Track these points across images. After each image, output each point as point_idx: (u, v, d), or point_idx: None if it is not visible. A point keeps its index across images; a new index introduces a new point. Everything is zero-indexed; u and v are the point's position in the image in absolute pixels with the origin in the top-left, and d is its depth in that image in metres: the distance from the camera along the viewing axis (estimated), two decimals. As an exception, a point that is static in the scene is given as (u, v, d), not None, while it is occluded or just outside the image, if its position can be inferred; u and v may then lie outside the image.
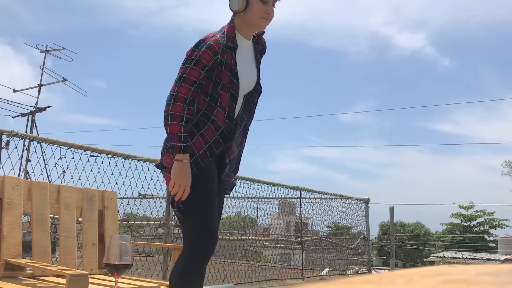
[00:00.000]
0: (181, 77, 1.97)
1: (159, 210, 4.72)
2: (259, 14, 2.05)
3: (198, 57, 1.98)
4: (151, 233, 7.01)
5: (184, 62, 2.01)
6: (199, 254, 1.99)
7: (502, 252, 18.45)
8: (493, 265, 0.49)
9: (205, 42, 2.01)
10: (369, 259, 8.40)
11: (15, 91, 9.92)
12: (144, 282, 2.28)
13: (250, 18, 2.07)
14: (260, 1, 2.04)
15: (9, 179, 2.25)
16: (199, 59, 1.97)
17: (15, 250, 2.16)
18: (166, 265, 4.36)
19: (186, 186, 1.94)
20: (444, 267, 0.47)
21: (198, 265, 2.00)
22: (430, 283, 0.38)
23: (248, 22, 2.09)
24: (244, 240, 7.70)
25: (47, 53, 10.08)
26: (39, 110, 9.58)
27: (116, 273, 1.63)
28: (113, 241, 1.63)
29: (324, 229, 7.93)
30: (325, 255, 8.05)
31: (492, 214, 26.34)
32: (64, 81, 10.15)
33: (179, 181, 1.94)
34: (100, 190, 2.72)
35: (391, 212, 8.36)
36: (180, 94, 1.94)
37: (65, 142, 3.61)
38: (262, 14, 2.06)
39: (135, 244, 2.72)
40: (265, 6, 2.06)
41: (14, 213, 2.20)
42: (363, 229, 8.30)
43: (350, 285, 0.40)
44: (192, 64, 1.97)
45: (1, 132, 3.32)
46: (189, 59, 1.99)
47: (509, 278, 0.42)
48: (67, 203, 2.47)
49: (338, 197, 7.83)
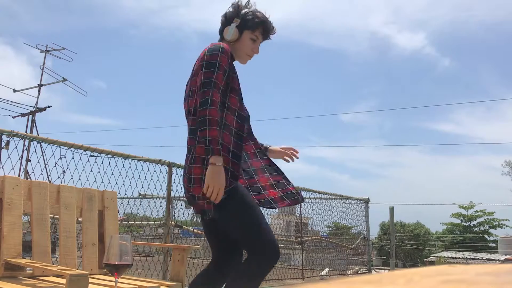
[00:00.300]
0: (211, 82, 2.01)
1: (159, 210, 4.72)
2: (246, 50, 2.24)
3: (219, 61, 2.05)
4: (151, 233, 7.01)
5: (206, 66, 2.06)
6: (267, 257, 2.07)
7: (502, 252, 18.45)
8: (493, 265, 0.49)
9: (219, 46, 2.10)
10: (369, 259, 8.40)
11: (15, 91, 9.92)
12: (144, 282, 2.28)
13: (237, 50, 2.23)
14: (250, 38, 2.22)
15: (9, 179, 2.25)
16: (220, 63, 2.05)
17: (15, 250, 2.15)
18: (166, 265, 4.35)
19: (220, 188, 1.98)
20: (444, 267, 0.47)
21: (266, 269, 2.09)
22: (430, 283, 0.38)
23: (234, 52, 2.23)
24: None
25: (47, 53, 10.08)
26: (39, 110, 9.57)
27: (116, 273, 1.63)
28: (113, 241, 1.63)
29: (324, 229, 7.92)
30: (325, 255, 8.05)
31: (492, 214, 26.36)
32: (64, 81, 10.14)
33: (213, 183, 1.98)
34: (100, 190, 2.71)
35: (391, 212, 8.36)
36: (214, 99, 1.99)
37: (65, 142, 3.61)
38: (248, 51, 2.24)
39: (135, 244, 2.71)
40: (253, 44, 2.24)
41: (14, 213, 2.20)
42: (363, 229, 8.31)
43: (350, 285, 0.40)
44: (216, 69, 2.04)
45: (1, 132, 3.32)
46: (212, 63, 2.05)
47: (509, 278, 0.42)
48: (67, 203, 2.47)
49: (338, 197, 7.83)
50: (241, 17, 2.21)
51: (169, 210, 4.56)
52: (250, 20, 2.21)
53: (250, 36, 2.23)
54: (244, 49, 2.23)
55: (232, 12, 2.23)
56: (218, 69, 2.04)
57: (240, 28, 2.21)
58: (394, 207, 8.38)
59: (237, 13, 2.21)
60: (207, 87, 2.00)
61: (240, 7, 2.23)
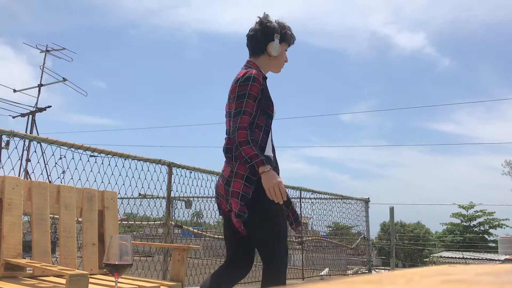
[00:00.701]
0: (241, 110, 2.25)
1: (159, 210, 4.72)
2: (282, 62, 2.52)
3: (249, 90, 2.28)
4: (151, 233, 7.01)
5: (237, 97, 2.29)
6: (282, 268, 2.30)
7: (502, 252, 18.44)
8: (493, 265, 0.49)
9: (251, 75, 2.31)
10: (369, 259, 8.40)
11: (15, 91, 9.91)
12: (144, 282, 2.28)
13: (275, 63, 2.49)
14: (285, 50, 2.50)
15: (9, 179, 2.25)
16: (250, 92, 2.28)
17: (15, 250, 2.15)
18: (166, 265, 4.36)
19: (280, 184, 2.20)
20: (444, 267, 0.47)
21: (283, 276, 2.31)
22: (430, 283, 0.38)
23: (271, 65, 2.48)
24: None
25: (47, 53, 10.08)
26: (39, 110, 9.57)
27: (116, 273, 1.63)
28: (113, 241, 1.63)
29: (324, 229, 7.92)
30: (325, 255, 8.05)
31: (492, 214, 26.35)
32: (64, 81, 10.14)
33: (272, 185, 2.19)
34: (100, 190, 2.71)
35: (391, 212, 8.36)
36: (242, 124, 2.23)
37: (65, 142, 3.61)
38: (283, 62, 2.53)
39: (135, 244, 2.71)
40: (285, 56, 2.52)
41: (14, 213, 2.20)
42: (363, 229, 8.31)
43: (350, 285, 0.39)
44: (246, 98, 2.27)
45: (1, 132, 3.31)
46: (242, 94, 2.28)
47: (509, 278, 0.42)
48: (67, 203, 2.47)
49: (338, 197, 7.83)
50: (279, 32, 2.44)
51: (169, 210, 4.56)
52: (284, 34, 2.45)
53: (284, 48, 2.49)
54: (281, 60, 2.50)
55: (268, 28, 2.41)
56: (248, 98, 2.27)
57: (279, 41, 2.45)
58: (394, 207, 8.38)
59: (274, 28, 2.41)
60: (237, 116, 2.25)
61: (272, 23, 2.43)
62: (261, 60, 2.44)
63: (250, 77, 2.29)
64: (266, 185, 2.19)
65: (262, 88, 2.33)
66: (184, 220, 6.56)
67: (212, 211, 5.50)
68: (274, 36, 2.39)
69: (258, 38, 2.42)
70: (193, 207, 5.96)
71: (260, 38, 2.41)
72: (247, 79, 2.29)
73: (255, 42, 2.43)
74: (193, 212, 7.49)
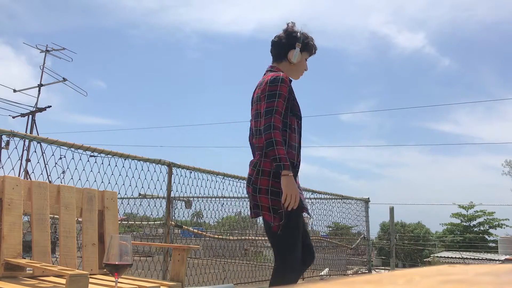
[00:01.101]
0: (273, 109, 2.36)
1: (159, 210, 4.72)
2: (302, 70, 2.64)
3: (279, 90, 2.39)
4: (151, 233, 7.02)
5: (268, 97, 2.39)
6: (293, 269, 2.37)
7: (502, 252, 18.44)
8: (493, 265, 0.49)
9: (279, 77, 2.42)
10: (369, 259, 8.40)
11: (15, 91, 9.91)
12: (144, 282, 2.28)
13: (295, 70, 2.60)
14: (305, 59, 2.61)
15: (9, 179, 2.25)
16: (281, 92, 2.39)
17: (15, 250, 2.15)
18: (166, 265, 4.36)
19: (296, 195, 2.31)
20: (444, 267, 0.47)
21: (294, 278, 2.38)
22: (430, 283, 0.38)
23: (291, 71, 2.58)
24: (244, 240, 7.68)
25: (47, 53, 10.07)
26: (39, 110, 9.57)
27: (116, 273, 1.63)
28: (113, 241, 1.63)
29: (324, 229, 7.92)
30: (325, 255, 8.05)
31: (492, 214, 26.36)
32: (64, 81, 10.13)
33: (290, 191, 2.30)
34: (100, 190, 2.71)
35: (391, 212, 8.36)
36: (276, 124, 2.33)
37: (65, 142, 3.61)
38: (303, 70, 2.64)
39: (135, 244, 2.71)
40: (305, 65, 2.63)
41: (14, 213, 2.20)
42: (363, 229, 8.30)
43: (350, 285, 0.39)
44: (277, 97, 2.38)
45: (1, 132, 3.31)
46: (272, 94, 2.39)
47: (509, 278, 0.42)
48: (67, 203, 2.47)
49: (338, 197, 7.83)
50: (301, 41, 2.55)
51: (169, 210, 4.56)
52: (307, 44, 2.58)
53: (305, 57, 2.62)
54: (301, 68, 2.62)
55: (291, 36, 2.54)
56: (279, 97, 2.38)
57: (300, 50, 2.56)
58: (394, 207, 8.38)
59: (297, 37, 2.54)
60: (269, 114, 2.35)
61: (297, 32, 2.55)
62: (282, 66, 2.58)
63: (279, 78, 2.42)
64: (285, 188, 2.30)
65: (289, 89, 2.45)
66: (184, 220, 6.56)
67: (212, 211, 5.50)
68: (296, 45, 2.53)
69: (281, 45, 2.57)
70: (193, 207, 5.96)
71: (283, 45, 2.56)
72: (277, 80, 2.42)
73: (278, 48, 2.58)
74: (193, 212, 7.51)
